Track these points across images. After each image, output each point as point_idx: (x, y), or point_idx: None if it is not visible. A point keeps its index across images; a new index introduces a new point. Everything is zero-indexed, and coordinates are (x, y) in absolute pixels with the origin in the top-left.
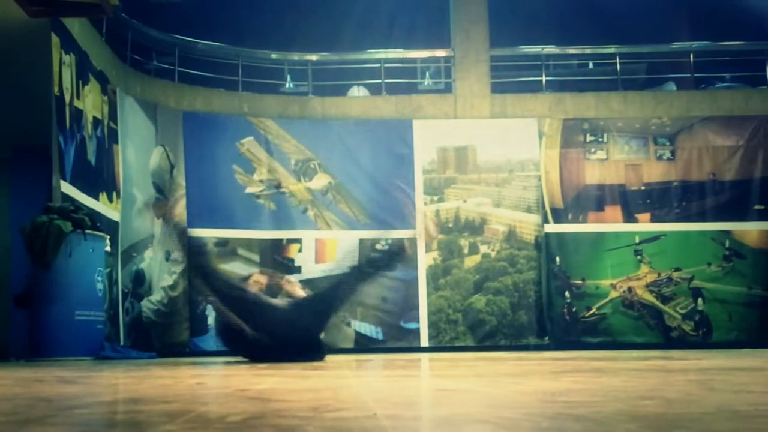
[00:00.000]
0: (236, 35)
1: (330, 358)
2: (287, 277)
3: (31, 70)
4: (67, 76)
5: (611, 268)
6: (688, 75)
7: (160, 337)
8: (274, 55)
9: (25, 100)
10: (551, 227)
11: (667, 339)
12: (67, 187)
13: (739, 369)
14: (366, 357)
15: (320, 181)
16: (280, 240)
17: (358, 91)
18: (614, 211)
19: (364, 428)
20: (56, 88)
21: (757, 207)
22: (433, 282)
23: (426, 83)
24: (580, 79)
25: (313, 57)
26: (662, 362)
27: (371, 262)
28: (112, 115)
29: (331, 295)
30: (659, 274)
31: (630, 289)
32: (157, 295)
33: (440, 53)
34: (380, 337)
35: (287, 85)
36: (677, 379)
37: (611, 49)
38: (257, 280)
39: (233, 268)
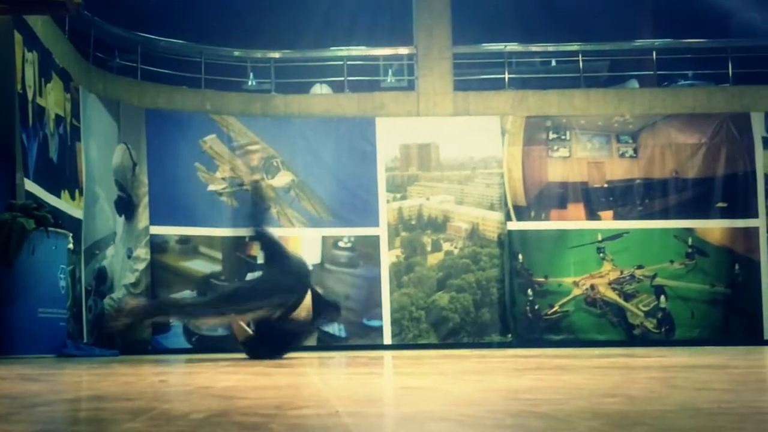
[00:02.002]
0: (199, 33)
1: (292, 356)
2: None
3: None
4: (30, 74)
5: (574, 266)
6: (651, 72)
7: (122, 335)
8: (236, 53)
9: None
10: (514, 225)
11: (629, 336)
12: (29, 185)
13: (702, 366)
14: (329, 355)
15: (283, 178)
16: (243, 238)
17: (320, 89)
18: (577, 209)
19: (327, 426)
20: (19, 86)
21: (719, 204)
22: (396, 279)
23: (389, 81)
24: (543, 76)
25: (276, 54)
26: (625, 360)
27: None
28: (75, 113)
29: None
30: (622, 272)
31: (593, 287)
32: (119, 293)
33: (403, 51)
34: (343, 334)
35: (250, 83)
36: (640, 377)
37: (574, 47)
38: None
39: (195, 265)
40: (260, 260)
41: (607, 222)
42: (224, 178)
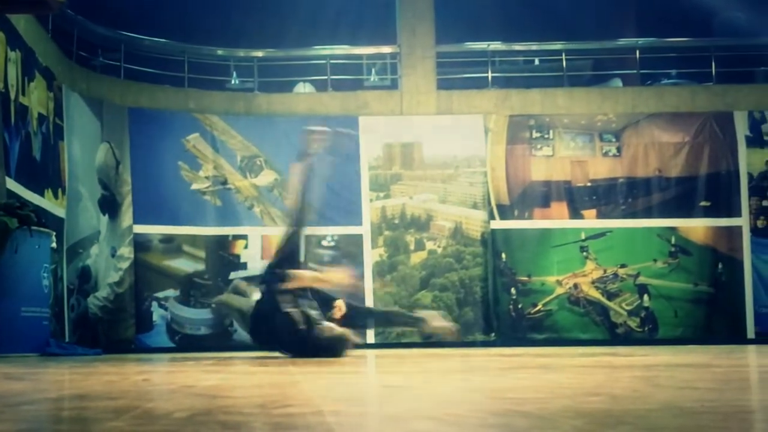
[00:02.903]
0: (182, 31)
1: (275, 355)
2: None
3: None
4: (13, 73)
5: (557, 265)
6: (634, 71)
7: (105, 334)
8: (220, 52)
9: None
10: (497, 223)
11: (612, 335)
12: (12, 184)
13: (685, 365)
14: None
15: (266, 177)
16: (226, 236)
17: (303, 88)
18: (560, 208)
19: (310, 425)
20: (1, 85)
21: (703, 203)
22: (379, 278)
23: (372, 80)
24: (526, 75)
25: (259, 53)
26: (608, 359)
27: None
28: (58, 112)
29: None
30: (605, 271)
31: (576, 286)
32: (102, 292)
33: (386, 50)
34: None
35: (233, 82)
36: (623, 376)
37: (557, 46)
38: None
39: (179, 264)
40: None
41: (591, 221)
42: (207, 176)
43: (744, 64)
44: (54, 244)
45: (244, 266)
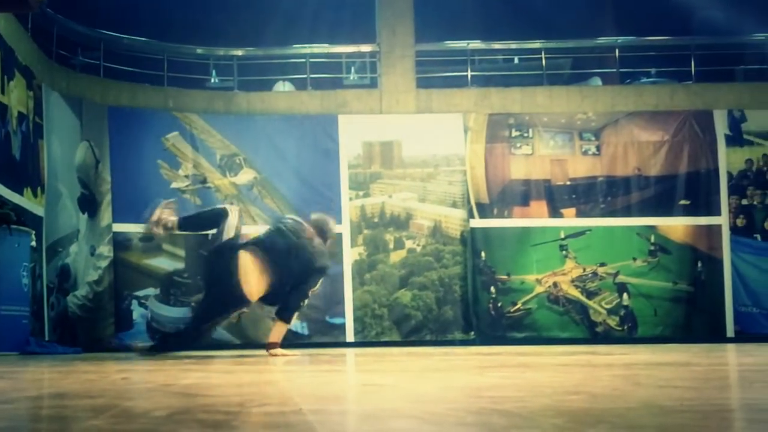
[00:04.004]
0: (162, 30)
1: (255, 353)
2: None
3: None
4: None
5: (537, 264)
6: (614, 70)
7: (85, 332)
8: (199, 50)
9: None
10: (477, 222)
11: (592, 334)
12: None
13: (665, 364)
14: (291, 352)
15: (246, 176)
16: (206, 235)
17: (283, 86)
18: (540, 206)
19: (290, 423)
20: None
21: (682, 202)
22: (358, 277)
23: (351, 78)
24: (506, 74)
25: (239, 52)
26: (588, 357)
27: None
28: (38, 111)
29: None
30: (584, 269)
31: (555, 284)
32: (82, 290)
33: (366, 48)
34: (306, 332)
35: (212, 81)
36: (603, 374)
37: (536, 45)
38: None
39: (158, 263)
40: None
41: (570, 219)
42: (187, 175)
43: (723, 63)
44: (33, 243)
45: None
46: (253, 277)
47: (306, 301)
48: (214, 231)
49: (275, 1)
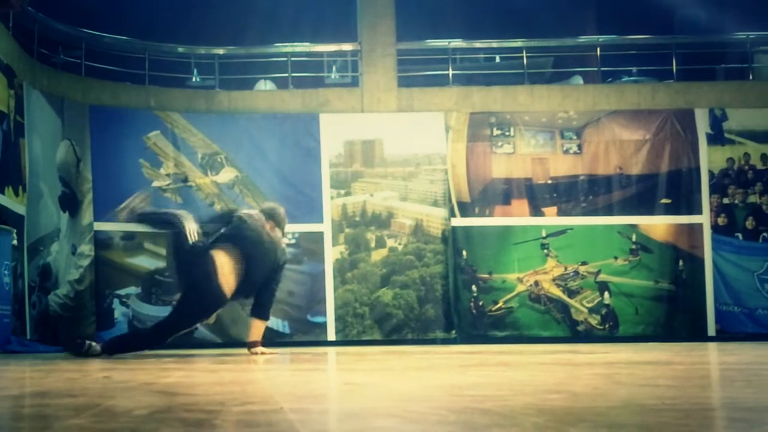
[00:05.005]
0: (143, 29)
1: (236, 352)
2: None
3: None
4: None
5: (518, 262)
6: (595, 69)
7: (66, 331)
8: (180, 49)
9: None
10: (458, 221)
11: (573, 333)
12: None
13: (646, 363)
14: (272, 350)
15: (227, 174)
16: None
17: (264, 85)
18: (521, 205)
19: (271, 422)
20: None
21: (663, 201)
22: (340, 275)
23: (333, 77)
24: (487, 72)
25: (220, 51)
26: (569, 356)
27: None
28: (19, 109)
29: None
30: (566, 268)
31: (537, 283)
32: (63, 289)
33: (347, 47)
34: (287, 330)
35: (194, 79)
36: (584, 373)
37: (518, 43)
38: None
39: (140, 262)
40: None
41: (551, 218)
42: (168, 174)
43: (705, 62)
44: (15, 242)
45: None
46: (230, 275)
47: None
48: (167, 231)
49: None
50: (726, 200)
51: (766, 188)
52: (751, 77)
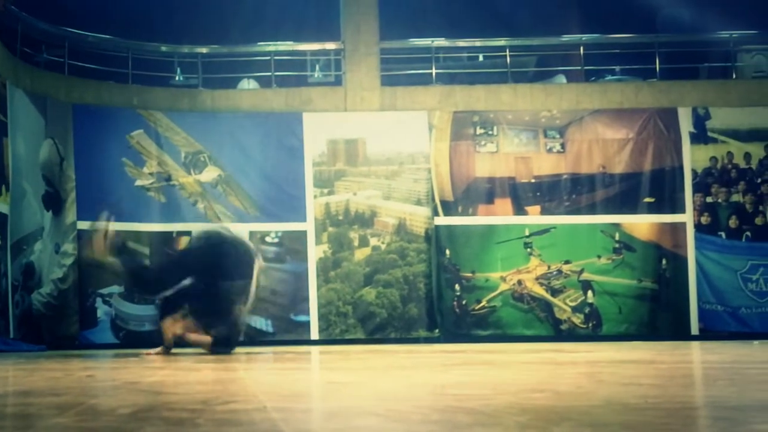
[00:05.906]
0: (126, 28)
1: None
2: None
3: None
4: None
5: (501, 261)
6: (578, 68)
7: (50, 330)
8: (163, 48)
9: None
10: (441, 220)
11: (557, 332)
12: None
13: (629, 362)
14: (256, 350)
15: (210, 173)
16: (170, 233)
17: (248, 84)
18: (504, 204)
19: (254, 421)
20: None
21: (646, 200)
22: (323, 274)
23: (316, 76)
24: (470, 71)
25: (203, 49)
26: (552, 355)
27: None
28: (2, 108)
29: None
30: (549, 267)
31: (520, 282)
32: (46, 288)
33: (330, 46)
34: (270, 329)
35: (177, 78)
36: (567, 372)
37: (501, 42)
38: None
39: (123, 261)
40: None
41: (535, 217)
42: (151, 173)
43: (688, 61)
44: None
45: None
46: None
47: None
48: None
49: None
50: (709, 199)
51: (749, 187)
52: (734, 76)
